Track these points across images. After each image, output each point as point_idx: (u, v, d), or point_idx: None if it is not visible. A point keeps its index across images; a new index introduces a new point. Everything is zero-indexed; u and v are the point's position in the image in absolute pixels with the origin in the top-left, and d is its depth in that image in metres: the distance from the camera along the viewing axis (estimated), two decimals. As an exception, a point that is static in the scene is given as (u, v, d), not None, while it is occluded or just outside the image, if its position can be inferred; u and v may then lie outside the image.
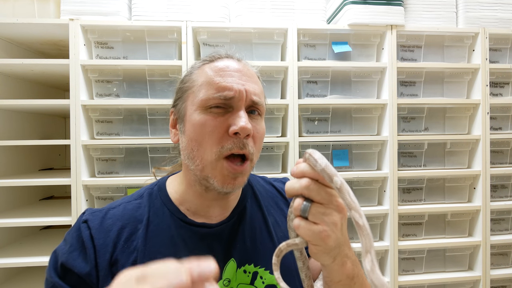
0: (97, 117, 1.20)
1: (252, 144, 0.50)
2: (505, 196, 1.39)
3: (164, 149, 1.22)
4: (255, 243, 0.55)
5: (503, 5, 1.35)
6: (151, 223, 0.52)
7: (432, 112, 1.36)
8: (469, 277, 1.32)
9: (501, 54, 1.40)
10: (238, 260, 0.53)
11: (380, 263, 1.32)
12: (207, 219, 0.54)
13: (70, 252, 0.48)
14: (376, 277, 0.34)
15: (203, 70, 0.53)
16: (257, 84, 0.53)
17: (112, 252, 0.48)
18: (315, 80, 1.31)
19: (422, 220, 1.33)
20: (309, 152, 0.39)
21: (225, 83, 0.49)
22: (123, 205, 0.54)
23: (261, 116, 0.54)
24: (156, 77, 1.23)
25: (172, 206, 0.54)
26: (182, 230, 0.52)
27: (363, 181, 1.31)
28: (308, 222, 0.38)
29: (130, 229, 0.51)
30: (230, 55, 0.55)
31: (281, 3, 1.27)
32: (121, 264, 0.48)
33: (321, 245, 0.38)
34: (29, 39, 1.31)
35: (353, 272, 0.43)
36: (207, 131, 0.48)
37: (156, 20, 1.20)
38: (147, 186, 0.59)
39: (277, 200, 0.63)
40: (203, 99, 0.49)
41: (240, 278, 0.53)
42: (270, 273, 0.54)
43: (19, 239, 1.35)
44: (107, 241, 0.49)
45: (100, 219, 0.51)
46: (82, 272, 0.46)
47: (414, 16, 1.33)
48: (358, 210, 0.36)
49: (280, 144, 1.26)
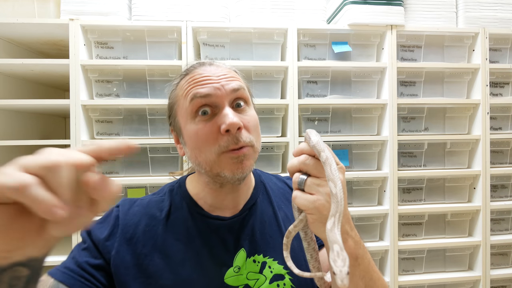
0: (97, 117, 1.20)
1: (246, 134, 0.52)
2: (505, 196, 1.39)
3: (164, 149, 1.22)
4: (264, 235, 0.59)
5: (503, 5, 1.35)
6: (171, 214, 0.59)
7: (432, 112, 1.36)
8: (469, 277, 1.32)
9: (501, 54, 1.40)
10: (248, 250, 0.58)
11: (380, 263, 1.32)
12: (221, 212, 0.59)
13: (98, 223, 0.58)
14: (333, 235, 0.37)
15: (181, 84, 0.57)
16: (233, 77, 0.55)
17: (133, 233, 0.56)
18: (315, 80, 1.31)
19: (422, 220, 1.33)
20: (307, 131, 0.44)
21: (199, 86, 0.52)
22: (149, 198, 0.62)
23: (247, 105, 0.56)
24: (156, 77, 1.23)
25: (190, 201, 0.60)
26: (198, 222, 0.58)
27: (363, 181, 1.31)
28: (305, 193, 0.42)
29: (151, 216, 0.58)
30: (202, 62, 0.58)
31: (281, 3, 1.27)
32: (141, 244, 0.55)
33: (316, 213, 0.41)
34: (29, 39, 1.30)
35: (356, 252, 0.44)
36: (202, 139, 0.52)
37: (156, 20, 1.20)
38: (169, 183, 0.66)
39: (288, 196, 0.67)
40: (188, 108, 0.53)
41: (249, 267, 0.57)
42: (279, 264, 0.58)
43: (19, 239, 1.35)
44: (130, 223, 0.56)
45: (129, 206, 0.59)
46: (97, 239, 0.54)
47: (414, 16, 1.33)
48: (335, 181, 0.39)
49: (280, 144, 1.26)
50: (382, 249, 1.29)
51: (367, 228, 1.32)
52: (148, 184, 1.20)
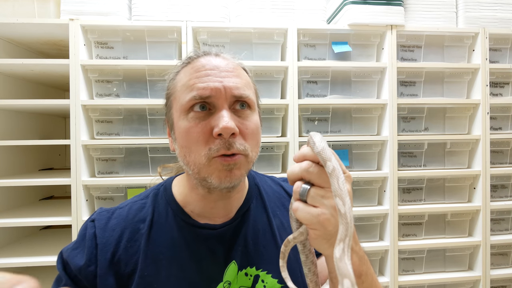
0: (97, 117, 1.20)
1: (241, 141, 0.47)
2: (505, 196, 1.39)
3: (164, 149, 1.22)
4: (257, 246, 0.54)
5: (503, 5, 1.35)
6: (154, 223, 0.53)
7: (432, 112, 1.36)
8: (469, 277, 1.32)
9: (501, 54, 1.40)
10: (239, 262, 0.53)
11: (380, 263, 1.32)
12: (211, 220, 0.54)
13: (73, 249, 0.51)
14: (343, 265, 0.32)
15: (180, 74, 0.52)
16: (239, 77, 0.50)
17: (114, 252, 0.50)
18: (315, 80, 1.31)
19: (422, 220, 1.33)
20: (311, 135, 0.39)
21: (200, 83, 0.47)
22: (129, 205, 0.55)
23: (251, 109, 0.50)
24: (156, 77, 1.23)
25: (176, 207, 0.54)
26: (185, 232, 0.52)
27: (363, 181, 1.31)
28: (307, 205, 0.37)
29: (133, 229, 0.52)
30: (208, 52, 0.52)
31: (281, 3, 1.27)
32: (124, 264, 0.49)
33: (319, 229, 0.37)
34: (29, 39, 1.31)
35: (360, 269, 0.40)
36: (192, 138, 0.47)
37: (156, 20, 1.20)
38: (154, 187, 0.60)
39: (284, 201, 0.61)
40: (182, 104, 0.48)
41: (241, 280, 0.52)
42: (272, 277, 0.53)
43: (19, 239, 1.35)
44: (110, 240, 0.50)
45: (106, 219, 0.53)
46: (76, 267, 0.49)
47: (414, 16, 1.33)
48: (343, 198, 0.34)
49: (280, 144, 1.26)
50: (382, 249, 1.29)
51: (367, 228, 1.32)
52: (148, 184, 1.20)
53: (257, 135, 0.51)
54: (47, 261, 1.11)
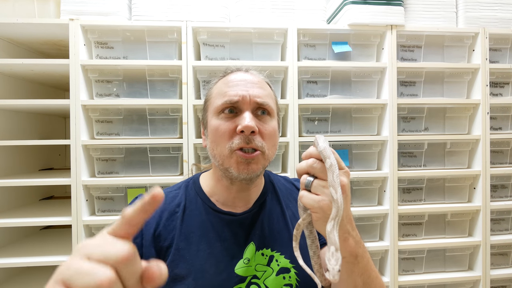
0: (97, 117, 1.20)
1: (259, 139, 0.58)
2: (505, 196, 1.39)
3: (164, 149, 1.22)
4: (272, 231, 0.64)
5: (503, 5, 1.35)
6: (187, 208, 0.64)
7: (432, 112, 1.36)
8: (469, 277, 1.32)
9: (501, 54, 1.40)
10: (257, 244, 0.63)
11: (380, 263, 1.32)
12: (233, 209, 0.65)
13: None
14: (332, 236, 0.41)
15: (217, 84, 0.65)
16: (262, 88, 0.62)
17: (156, 228, 0.61)
18: (315, 80, 1.31)
19: (422, 220, 1.33)
20: (316, 136, 0.49)
21: (231, 91, 0.60)
22: (165, 193, 0.66)
23: (270, 116, 0.62)
24: (156, 77, 1.23)
25: (204, 196, 0.66)
26: (211, 216, 0.63)
27: (363, 181, 1.31)
28: (311, 193, 0.46)
29: (170, 212, 0.63)
30: (240, 68, 0.66)
31: (281, 3, 1.27)
32: (163, 238, 0.60)
33: (320, 212, 0.45)
34: (29, 39, 1.30)
35: (356, 251, 0.48)
36: (220, 133, 0.58)
37: (156, 20, 1.20)
38: (184, 180, 0.72)
39: (295, 196, 0.72)
40: (216, 107, 0.61)
41: (258, 259, 0.62)
42: (285, 258, 0.63)
43: (19, 239, 1.35)
44: (152, 220, 0.61)
45: None
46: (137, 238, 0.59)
47: (414, 16, 1.33)
48: (336, 187, 0.43)
49: (280, 144, 1.26)
50: (382, 249, 1.29)
51: (367, 228, 1.32)
52: (148, 184, 1.20)
53: (274, 137, 0.62)
54: (47, 261, 1.11)
